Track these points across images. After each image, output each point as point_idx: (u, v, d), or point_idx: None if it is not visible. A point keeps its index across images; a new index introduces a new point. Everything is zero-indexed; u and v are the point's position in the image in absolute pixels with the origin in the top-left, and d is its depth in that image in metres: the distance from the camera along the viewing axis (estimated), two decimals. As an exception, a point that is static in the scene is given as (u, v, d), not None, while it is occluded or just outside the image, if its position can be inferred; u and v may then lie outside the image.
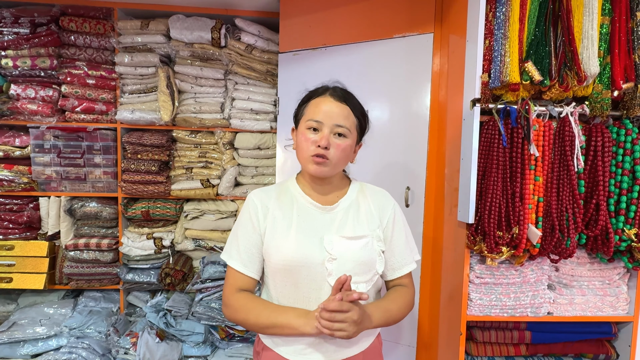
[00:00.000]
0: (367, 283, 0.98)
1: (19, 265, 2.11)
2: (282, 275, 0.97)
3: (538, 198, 1.26)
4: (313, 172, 0.97)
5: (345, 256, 0.94)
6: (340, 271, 0.93)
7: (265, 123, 2.21)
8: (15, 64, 2.05)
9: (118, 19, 2.12)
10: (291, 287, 0.96)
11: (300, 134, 1.00)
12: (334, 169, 0.98)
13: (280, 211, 1.00)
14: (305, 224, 0.98)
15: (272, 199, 1.02)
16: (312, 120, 0.96)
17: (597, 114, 1.26)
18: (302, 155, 0.99)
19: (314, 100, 1.00)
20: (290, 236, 0.96)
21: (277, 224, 0.99)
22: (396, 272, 1.05)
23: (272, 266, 0.98)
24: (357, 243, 0.97)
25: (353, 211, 1.02)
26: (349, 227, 0.99)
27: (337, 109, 0.97)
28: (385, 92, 1.76)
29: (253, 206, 1.01)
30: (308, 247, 0.95)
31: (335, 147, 0.96)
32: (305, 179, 1.05)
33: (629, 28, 1.24)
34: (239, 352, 2.00)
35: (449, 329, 1.48)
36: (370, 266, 0.98)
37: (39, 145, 2.13)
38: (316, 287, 0.94)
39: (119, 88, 2.18)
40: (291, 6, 1.94)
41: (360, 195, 1.05)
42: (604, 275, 1.38)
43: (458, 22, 1.43)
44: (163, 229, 2.23)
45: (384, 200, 1.06)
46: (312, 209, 1.01)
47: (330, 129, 0.96)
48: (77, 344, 1.96)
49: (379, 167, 1.78)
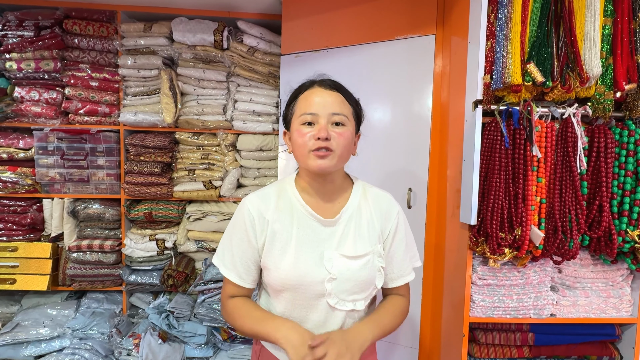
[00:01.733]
0: (366, 299, 0.95)
1: (23, 266, 2.12)
2: (278, 293, 0.94)
3: (541, 199, 1.25)
4: (317, 168, 0.89)
5: (344, 275, 0.90)
6: (339, 290, 0.90)
7: (267, 125, 2.21)
8: (19, 67, 2.06)
9: (121, 21, 2.13)
10: (287, 304, 0.93)
11: (294, 131, 0.92)
12: (339, 161, 0.90)
13: (280, 224, 0.93)
14: (305, 238, 0.92)
15: (270, 208, 0.94)
16: (305, 114, 0.89)
17: (599, 115, 1.25)
18: (301, 152, 0.90)
19: (302, 94, 0.94)
20: (289, 253, 0.91)
21: (275, 239, 0.92)
22: (393, 282, 1.01)
23: (268, 281, 0.95)
24: (357, 262, 0.92)
25: (355, 223, 0.95)
26: (350, 243, 0.93)
27: (330, 97, 0.90)
28: (387, 94, 1.76)
29: (249, 217, 0.93)
30: (308, 266, 0.90)
31: (337, 136, 0.88)
32: (305, 181, 0.97)
33: (631, 29, 1.24)
34: (241, 353, 2.00)
35: (451, 330, 1.48)
36: (369, 284, 0.94)
37: (42, 147, 2.14)
38: (313, 306, 0.92)
39: (122, 90, 2.19)
40: (293, 8, 1.95)
41: (362, 200, 0.99)
42: (607, 277, 1.38)
43: (460, 24, 1.44)
44: (165, 230, 2.24)
45: (388, 207, 1.00)
46: (312, 222, 0.94)
47: (327, 118, 0.88)
48: (80, 345, 1.97)
49: (381, 169, 1.78)
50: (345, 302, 0.92)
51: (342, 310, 0.92)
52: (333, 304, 0.91)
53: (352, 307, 0.92)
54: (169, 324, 2.02)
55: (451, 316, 1.49)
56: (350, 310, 0.93)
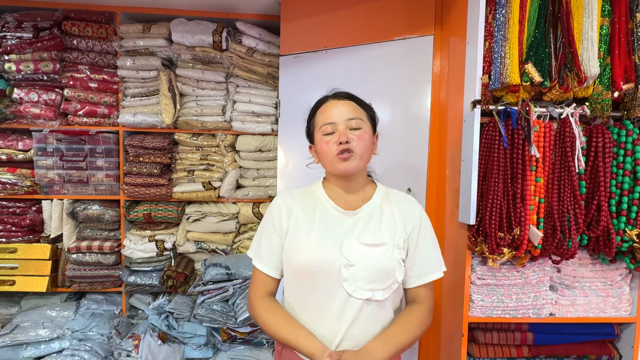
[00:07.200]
0: (385, 291, 0.96)
1: (22, 268, 2.11)
2: (299, 278, 0.99)
3: (539, 199, 1.26)
4: (342, 170, 0.98)
5: (362, 263, 0.94)
6: (356, 277, 0.93)
7: (266, 125, 2.21)
8: (18, 68, 2.06)
9: (120, 23, 2.13)
10: (307, 291, 0.98)
11: (318, 142, 1.02)
12: (361, 160, 0.99)
13: (304, 214, 1.02)
14: (327, 228, 0.99)
15: (297, 201, 1.05)
16: (325, 125, 1.00)
17: (597, 115, 1.26)
18: (327, 159, 1.00)
19: (319, 109, 1.04)
20: (311, 239, 0.97)
21: (299, 226, 1.00)
22: (417, 280, 1.02)
23: (290, 268, 1.00)
24: (376, 250, 0.96)
25: (376, 217, 1.01)
26: (370, 233, 0.98)
27: (345, 106, 1.01)
28: (386, 94, 1.76)
29: (277, 208, 1.04)
30: (327, 252, 0.95)
31: (356, 138, 0.98)
32: (331, 183, 1.06)
33: (628, 29, 1.24)
34: (241, 354, 2.00)
35: (450, 330, 1.48)
36: (388, 274, 0.96)
37: (41, 149, 2.14)
38: (331, 293, 0.95)
39: (121, 91, 2.19)
40: (292, 9, 1.95)
41: (385, 201, 1.04)
42: (606, 276, 1.38)
43: (458, 24, 1.44)
44: (165, 231, 2.24)
45: (410, 207, 1.05)
46: (334, 213, 1.01)
47: (344, 125, 0.99)
48: (79, 347, 1.97)
49: (380, 169, 1.77)
50: (363, 291, 0.94)
51: (359, 299, 0.94)
52: (351, 291, 0.93)
53: (370, 296, 0.94)
54: (169, 325, 2.02)
55: (450, 316, 1.49)
56: (367, 300, 0.94)
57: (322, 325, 0.96)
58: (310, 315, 0.98)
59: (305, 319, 0.99)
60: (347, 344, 0.95)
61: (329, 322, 0.95)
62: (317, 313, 0.97)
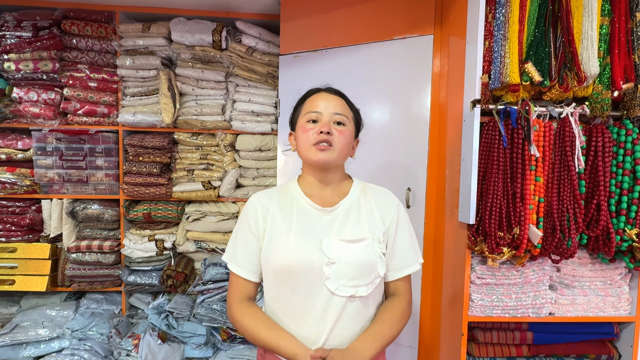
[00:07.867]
0: (368, 286, 0.95)
1: (22, 267, 2.11)
2: (279, 280, 0.96)
3: (539, 198, 1.26)
4: (317, 160, 0.96)
5: (344, 260, 0.92)
6: (339, 275, 0.92)
7: (266, 125, 2.21)
8: (17, 67, 2.06)
9: (120, 22, 2.13)
10: (288, 292, 0.95)
11: (299, 128, 1.01)
12: (339, 155, 0.98)
13: (281, 213, 0.99)
14: (305, 226, 0.97)
15: (273, 200, 1.02)
16: (311, 112, 0.98)
17: (597, 114, 1.26)
18: (304, 147, 0.98)
19: (309, 97, 1.04)
20: (289, 239, 0.95)
21: (276, 226, 0.98)
22: (397, 272, 1.02)
23: (269, 270, 0.97)
24: (357, 246, 0.95)
25: (353, 212, 1.00)
26: (349, 229, 0.97)
27: (334, 100, 1.00)
28: (385, 94, 1.76)
29: (252, 209, 1.01)
30: (307, 251, 0.93)
31: (338, 133, 0.97)
32: (307, 178, 1.04)
33: (628, 28, 1.24)
34: (241, 353, 2.00)
35: (450, 330, 1.48)
36: (370, 269, 0.95)
37: (41, 148, 2.14)
38: (314, 292, 0.93)
39: (120, 91, 2.19)
40: (292, 8, 1.95)
41: (361, 196, 1.03)
42: (605, 276, 1.38)
43: (458, 24, 1.44)
44: (165, 231, 2.24)
45: (387, 200, 1.04)
46: (312, 211, 0.99)
47: (329, 117, 0.98)
48: (79, 346, 1.97)
49: (379, 168, 1.78)
50: (346, 288, 0.92)
51: (343, 297, 0.92)
52: (333, 289, 0.92)
53: (353, 293, 0.92)
54: (169, 325, 2.02)
55: (450, 315, 1.49)
56: (351, 297, 0.93)
57: (305, 326, 0.94)
58: (292, 317, 0.95)
59: (287, 322, 0.96)
60: (332, 343, 0.93)
61: (312, 322, 0.93)
62: (300, 314, 0.94)
